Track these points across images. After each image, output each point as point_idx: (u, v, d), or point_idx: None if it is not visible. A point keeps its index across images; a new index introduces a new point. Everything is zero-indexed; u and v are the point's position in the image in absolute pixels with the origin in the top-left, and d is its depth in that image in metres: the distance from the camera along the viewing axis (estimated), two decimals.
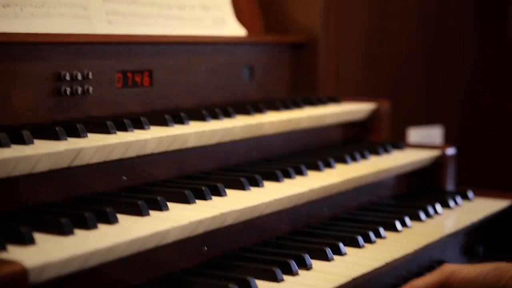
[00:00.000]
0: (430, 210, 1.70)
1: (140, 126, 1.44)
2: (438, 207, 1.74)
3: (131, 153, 1.34)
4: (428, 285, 1.37)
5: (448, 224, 1.67)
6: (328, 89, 2.26)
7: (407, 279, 1.50)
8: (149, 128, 1.45)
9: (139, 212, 1.21)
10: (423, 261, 1.56)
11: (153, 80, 1.66)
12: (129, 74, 1.60)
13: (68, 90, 1.45)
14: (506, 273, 1.34)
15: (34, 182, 1.21)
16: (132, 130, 1.41)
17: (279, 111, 1.80)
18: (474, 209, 1.80)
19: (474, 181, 1.52)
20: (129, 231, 1.13)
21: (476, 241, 1.78)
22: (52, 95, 1.43)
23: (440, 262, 1.61)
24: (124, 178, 1.38)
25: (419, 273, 1.54)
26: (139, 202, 1.22)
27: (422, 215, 1.66)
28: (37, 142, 1.24)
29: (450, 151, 1.96)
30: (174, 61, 1.72)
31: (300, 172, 1.59)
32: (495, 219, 1.81)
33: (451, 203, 1.80)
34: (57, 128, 1.27)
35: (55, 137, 1.27)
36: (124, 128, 1.40)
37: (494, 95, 2.79)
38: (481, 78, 2.81)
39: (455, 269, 1.36)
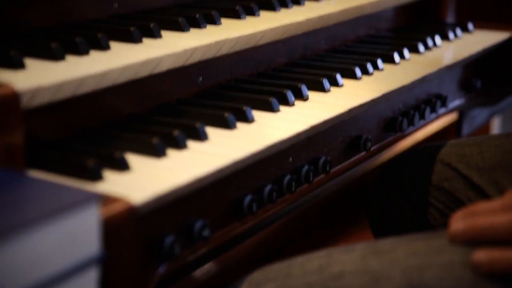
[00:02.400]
0: (429, 42, 1.66)
1: None
2: (437, 39, 1.70)
3: None
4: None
5: (446, 56, 1.64)
6: None
7: (404, 112, 1.49)
8: None
9: (132, 38, 1.17)
10: (420, 93, 1.55)
11: None
12: None
13: None
14: None
15: (22, 5, 1.16)
16: None
17: None
18: (474, 41, 1.76)
19: (475, 15, 1.47)
20: (122, 58, 1.09)
21: (474, 75, 1.76)
22: None
23: (438, 96, 1.59)
24: (115, 5, 1.33)
25: (416, 106, 1.53)
26: (132, 29, 1.18)
27: (421, 47, 1.62)
28: None
29: None
30: None
31: (297, 2, 1.54)
32: (494, 52, 1.78)
33: (451, 35, 1.76)
34: None
35: None
36: None
37: None
38: None
39: None
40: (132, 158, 0.99)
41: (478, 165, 1.43)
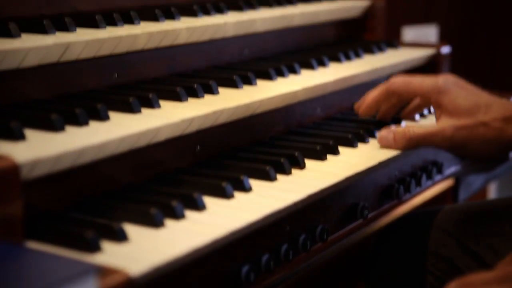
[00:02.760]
0: (425, 111, 1.68)
1: (130, 21, 1.39)
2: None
3: (121, 48, 1.30)
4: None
5: None
6: None
7: (400, 179, 1.50)
8: (139, 23, 1.41)
9: (131, 109, 1.19)
10: (416, 161, 1.56)
11: None
12: None
13: None
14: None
15: (22, 77, 1.18)
16: (122, 25, 1.37)
17: (272, 8, 1.76)
18: None
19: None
20: (121, 128, 1.11)
21: None
22: None
23: (434, 163, 1.60)
24: (115, 75, 1.35)
25: (413, 173, 1.54)
26: (131, 99, 1.19)
27: (416, 116, 1.64)
28: (25, 36, 1.21)
29: (445, 49, 1.93)
30: None
31: (293, 71, 1.57)
32: None
33: None
34: (45, 22, 1.23)
35: (43, 31, 1.23)
36: (114, 23, 1.36)
37: None
38: None
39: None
40: (131, 229, 0.99)
41: (477, 232, 1.44)
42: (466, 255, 1.43)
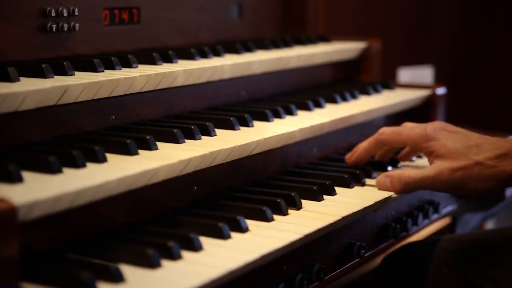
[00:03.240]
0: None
1: (128, 64, 1.41)
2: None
3: (119, 91, 1.32)
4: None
5: None
6: (318, 28, 2.22)
7: (397, 219, 1.51)
8: (137, 66, 1.43)
9: (128, 151, 1.20)
10: (412, 200, 1.57)
11: (140, 17, 1.63)
12: (116, 11, 1.57)
13: (54, 27, 1.41)
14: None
15: (21, 120, 1.19)
16: (120, 68, 1.39)
17: (268, 50, 1.78)
18: None
19: (464, 121, 1.52)
20: (118, 170, 1.11)
21: None
22: (37, 32, 1.40)
23: (430, 202, 1.61)
24: (113, 117, 1.36)
25: (409, 213, 1.54)
26: (128, 141, 1.20)
27: (413, 157, 1.65)
28: (23, 79, 1.22)
29: (441, 90, 1.95)
30: None
31: (289, 112, 1.58)
32: None
33: None
34: (43, 66, 1.25)
35: (41, 74, 1.25)
36: (111, 66, 1.38)
37: (485, 35, 2.77)
38: (472, 17, 2.78)
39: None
40: (127, 269, 1.00)
41: (474, 262, 1.44)
42: (465, 285, 1.43)
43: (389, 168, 1.55)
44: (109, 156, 1.17)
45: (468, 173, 1.35)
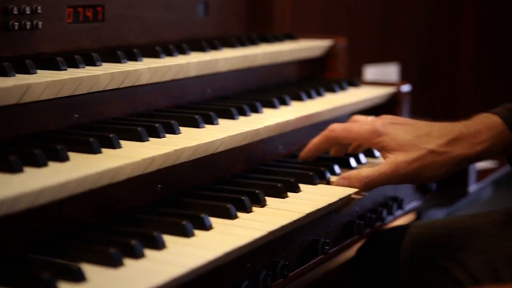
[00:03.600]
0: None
1: (91, 62, 1.41)
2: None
3: (83, 89, 1.31)
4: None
5: None
6: (284, 26, 2.23)
7: (361, 215, 1.52)
8: (101, 64, 1.42)
9: (91, 149, 1.20)
10: (376, 197, 1.58)
11: (105, 15, 1.62)
12: (80, 9, 1.56)
13: (16, 25, 1.40)
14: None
15: None
16: (84, 67, 1.38)
17: (234, 48, 1.78)
18: None
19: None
20: (81, 168, 1.11)
21: None
22: None
23: (394, 198, 1.63)
24: (76, 115, 1.36)
25: (373, 209, 1.56)
26: (91, 139, 1.20)
27: (377, 152, 1.67)
28: None
29: (405, 88, 1.96)
30: None
31: (255, 110, 1.58)
32: None
33: None
34: (4, 64, 1.24)
35: (3, 73, 1.24)
36: (75, 65, 1.37)
37: (450, 32, 2.79)
38: (438, 15, 2.80)
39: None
40: (89, 269, 0.99)
41: (444, 247, 1.47)
42: (436, 270, 1.46)
43: (354, 164, 1.56)
44: (72, 155, 1.17)
45: (422, 163, 1.38)
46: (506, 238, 1.44)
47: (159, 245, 1.08)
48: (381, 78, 2.63)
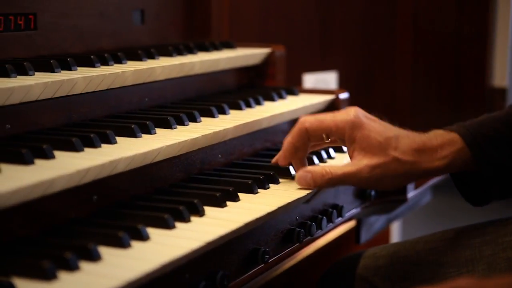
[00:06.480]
0: (324, 154, 1.71)
1: (23, 72, 1.38)
2: (332, 152, 1.75)
3: (14, 99, 1.28)
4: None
5: None
6: (223, 35, 2.23)
7: (301, 223, 1.52)
8: (33, 74, 1.39)
9: (23, 160, 1.16)
10: (316, 205, 1.58)
11: (37, 23, 1.59)
12: (11, 17, 1.52)
13: None
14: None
15: None
16: (15, 76, 1.35)
17: (171, 57, 1.77)
18: None
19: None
20: (12, 180, 1.08)
21: None
22: None
23: (334, 206, 1.63)
24: (8, 126, 1.32)
25: (313, 217, 1.55)
26: (23, 150, 1.17)
27: (316, 160, 1.67)
28: None
29: (343, 95, 1.97)
30: (60, 4, 1.65)
31: (193, 119, 1.57)
32: None
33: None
34: None
35: None
36: (6, 74, 1.34)
37: (387, 40, 2.83)
38: (374, 24, 2.83)
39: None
40: (21, 283, 0.96)
41: (390, 277, 1.47)
42: None
43: (292, 172, 1.55)
44: (3, 166, 1.13)
45: (385, 170, 1.37)
46: (444, 264, 1.45)
47: (94, 257, 1.06)
48: (320, 86, 2.65)
